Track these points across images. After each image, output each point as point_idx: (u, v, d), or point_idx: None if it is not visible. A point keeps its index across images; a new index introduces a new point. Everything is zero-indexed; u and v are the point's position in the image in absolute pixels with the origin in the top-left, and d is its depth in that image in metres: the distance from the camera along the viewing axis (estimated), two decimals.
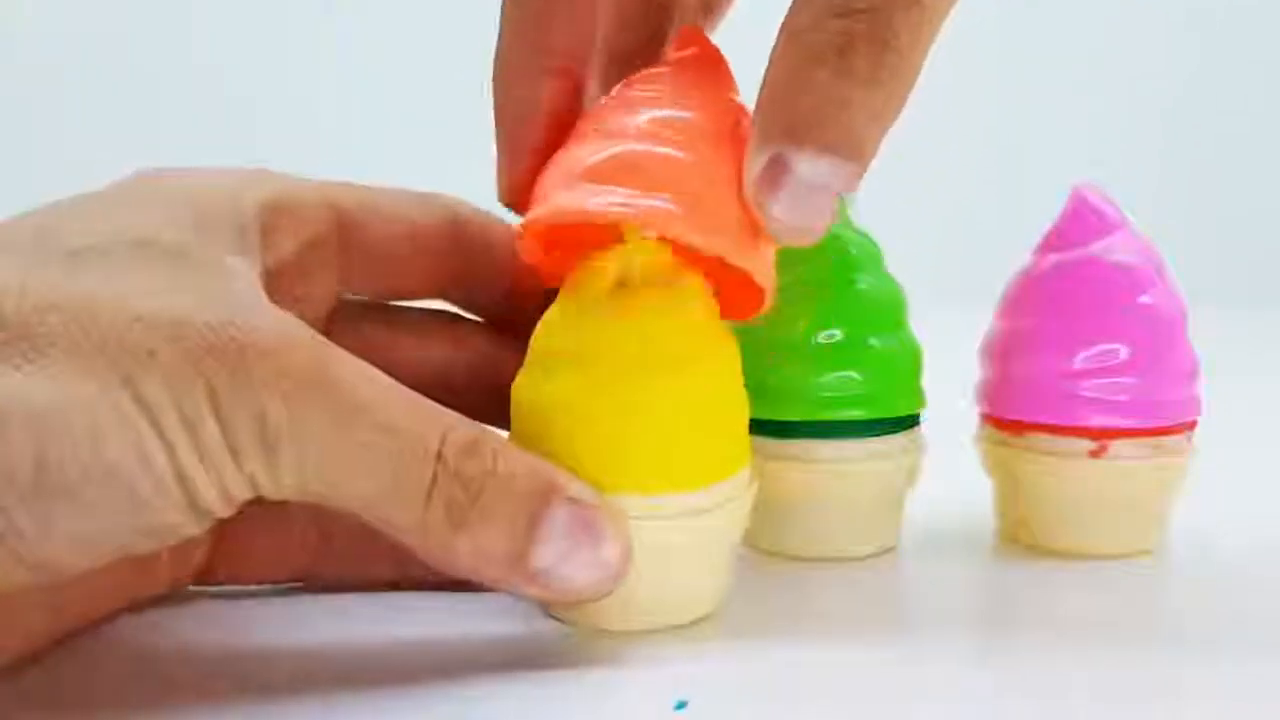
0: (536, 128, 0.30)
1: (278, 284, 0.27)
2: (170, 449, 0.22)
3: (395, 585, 0.31)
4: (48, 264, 0.23)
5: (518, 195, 0.30)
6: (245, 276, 0.25)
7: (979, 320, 0.38)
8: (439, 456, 0.24)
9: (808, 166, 0.25)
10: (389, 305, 0.32)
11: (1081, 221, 0.36)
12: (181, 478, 0.22)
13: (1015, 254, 0.37)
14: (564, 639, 0.28)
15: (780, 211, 0.26)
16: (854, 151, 0.25)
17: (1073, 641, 0.29)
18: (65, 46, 1.17)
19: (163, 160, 0.29)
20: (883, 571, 0.34)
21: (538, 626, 0.29)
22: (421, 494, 0.24)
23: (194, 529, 0.23)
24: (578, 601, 0.26)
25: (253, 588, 0.31)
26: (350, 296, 0.31)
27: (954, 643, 0.29)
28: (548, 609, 0.29)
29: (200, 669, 0.27)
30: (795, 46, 0.25)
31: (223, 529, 0.30)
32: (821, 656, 0.28)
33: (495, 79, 0.30)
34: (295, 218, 0.28)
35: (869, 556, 0.35)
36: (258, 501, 0.24)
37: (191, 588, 0.31)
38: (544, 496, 0.25)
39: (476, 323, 0.33)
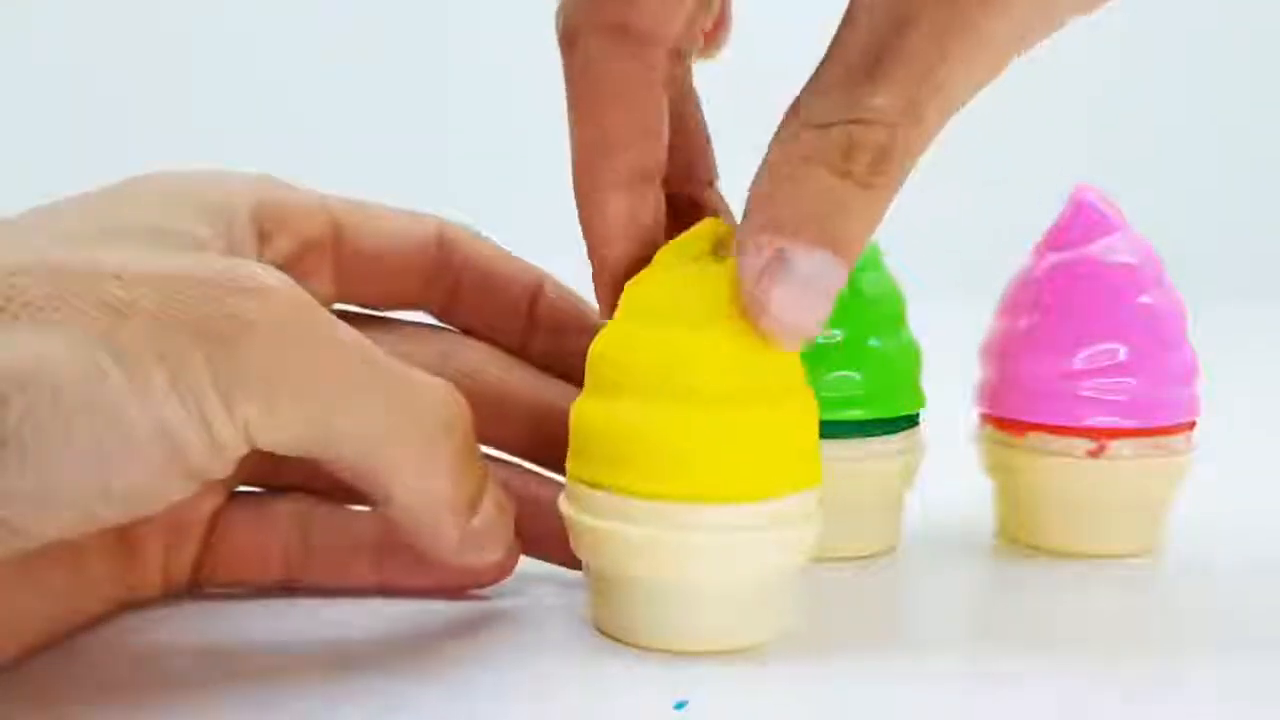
0: (620, 247, 0.29)
1: None
2: (152, 400, 0.21)
3: (377, 591, 0.31)
4: (29, 241, 0.23)
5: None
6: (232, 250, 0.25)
7: (979, 320, 0.38)
8: (445, 398, 0.25)
9: (806, 262, 0.25)
10: (379, 315, 0.32)
11: (1081, 221, 0.36)
12: (165, 430, 0.22)
13: (1015, 254, 0.37)
14: (563, 640, 0.28)
15: (779, 306, 0.26)
16: (847, 250, 0.25)
17: (1073, 641, 0.29)
18: (71, 56, 1.17)
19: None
20: (883, 571, 0.34)
21: (536, 629, 0.29)
22: (436, 425, 0.24)
23: (184, 489, 0.23)
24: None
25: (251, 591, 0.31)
26: (341, 306, 0.31)
27: (954, 643, 0.29)
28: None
29: (198, 670, 0.27)
30: (799, 144, 0.25)
31: (208, 531, 0.30)
32: (821, 656, 0.28)
33: (576, 196, 0.30)
34: (293, 221, 0.29)
35: (869, 556, 0.35)
36: (260, 497, 0.24)
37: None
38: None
39: (462, 335, 0.33)
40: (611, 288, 0.29)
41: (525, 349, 0.32)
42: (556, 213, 0.33)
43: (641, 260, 0.29)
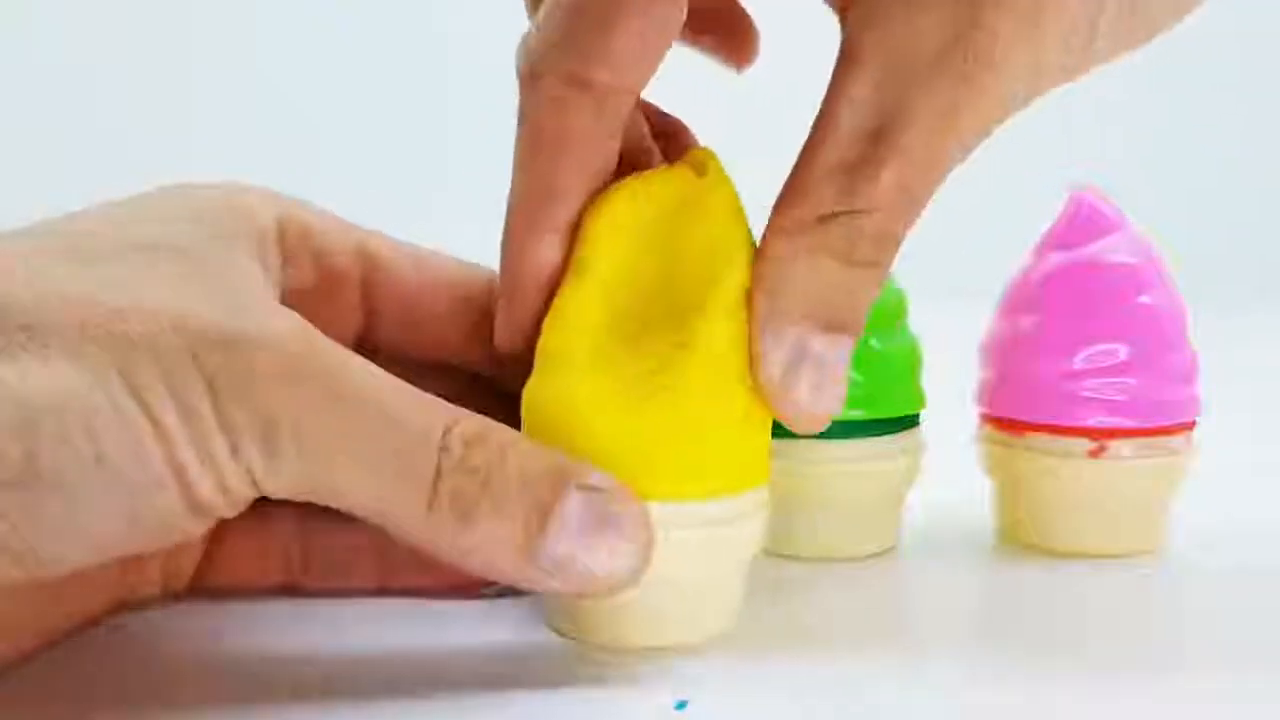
0: (536, 298, 0.28)
1: (296, 308, 0.27)
2: (165, 439, 0.22)
3: (377, 593, 0.31)
4: (53, 260, 0.24)
5: (515, 351, 0.29)
6: (253, 277, 0.25)
7: (979, 320, 0.38)
8: (443, 447, 0.24)
9: (825, 349, 0.26)
10: (422, 360, 0.31)
11: (1081, 221, 0.36)
12: (178, 470, 0.22)
13: (1015, 254, 0.37)
14: (563, 641, 0.28)
15: (805, 395, 0.26)
16: (858, 329, 0.27)
17: (1073, 642, 0.29)
18: (86, 68, 1.17)
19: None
20: (883, 571, 0.34)
21: (536, 629, 0.29)
22: (426, 486, 0.24)
23: (194, 526, 0.23)
24: (598, 593, 0.25)
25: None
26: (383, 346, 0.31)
27: (954, 643, 0.29)
28: (555, 625, 0.29)
29: (198, 672, 0.27)
30: (803, 237, 0.26)
31: (208, 533, 0.30)
32: (821, 656, 0.28)
33: (506, 235, 0.28)
34: (317, 245, 0.28)
35: (869, 556, 0.35)
36: (260, 500, 0.24)
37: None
38: (556, 483, 0.24)
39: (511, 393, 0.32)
40: (516, 332, 0.28)
41: None
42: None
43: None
